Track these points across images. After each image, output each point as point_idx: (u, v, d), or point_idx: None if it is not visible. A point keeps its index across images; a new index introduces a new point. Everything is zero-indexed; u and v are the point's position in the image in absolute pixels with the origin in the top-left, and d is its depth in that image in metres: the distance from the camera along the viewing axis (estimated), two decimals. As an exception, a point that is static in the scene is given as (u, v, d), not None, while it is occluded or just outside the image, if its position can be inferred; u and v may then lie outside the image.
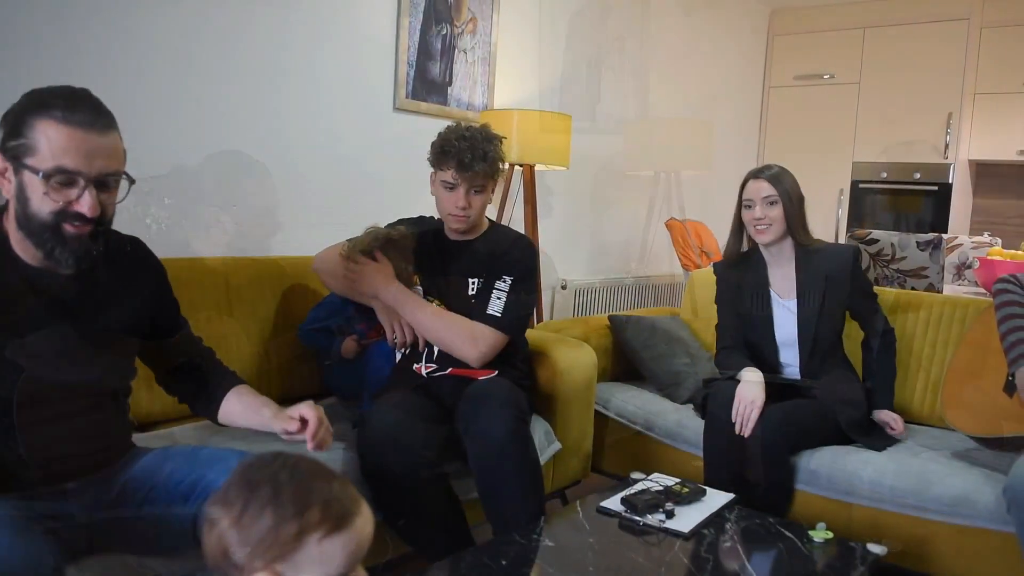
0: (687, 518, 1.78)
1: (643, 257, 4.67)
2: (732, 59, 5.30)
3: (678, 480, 1.97)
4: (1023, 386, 2.06)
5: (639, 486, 1.92)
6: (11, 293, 1.36)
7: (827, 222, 5.36)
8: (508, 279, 2.20)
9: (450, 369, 2.19)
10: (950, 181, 4.97)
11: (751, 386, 2.25)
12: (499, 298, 2.18)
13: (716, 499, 1.91)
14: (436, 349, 2.22)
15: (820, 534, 1.75)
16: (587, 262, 4.29)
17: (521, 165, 3.37)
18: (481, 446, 1.92)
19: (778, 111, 5.65)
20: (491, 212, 3.42)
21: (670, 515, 1.78)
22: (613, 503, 1.84)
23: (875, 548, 1.72)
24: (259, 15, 2.61)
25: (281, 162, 2.73)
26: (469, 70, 3.37)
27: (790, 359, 2.44)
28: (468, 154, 2.14)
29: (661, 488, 1.91)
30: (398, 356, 2.29)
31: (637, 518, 1.78)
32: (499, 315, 2.16)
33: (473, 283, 2.24)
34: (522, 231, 3.30)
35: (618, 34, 4.24)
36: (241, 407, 1.64)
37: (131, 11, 2.30)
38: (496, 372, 2.17)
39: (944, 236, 3.18)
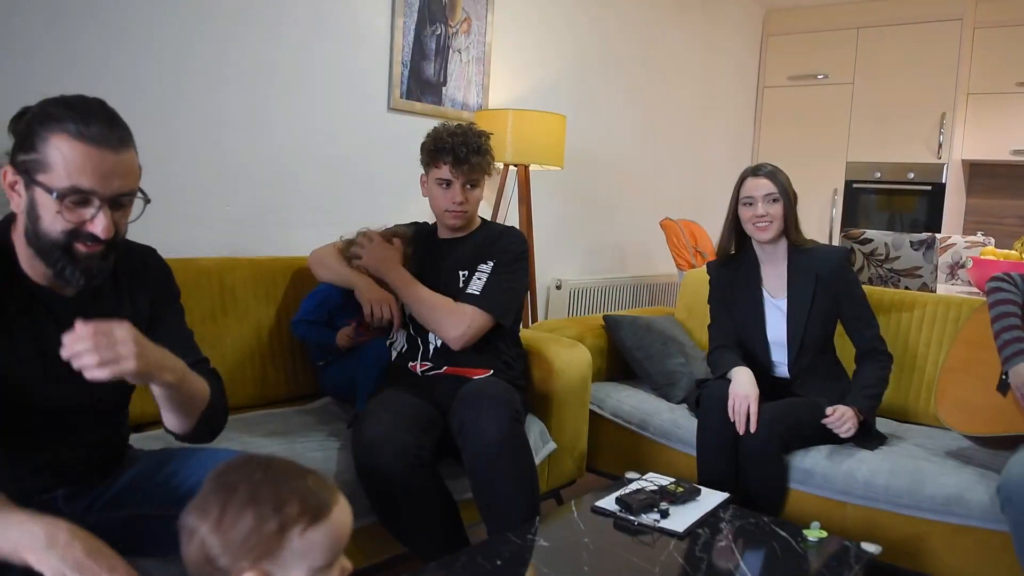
0: (682, 518, 1.79)
1: (638, 257, 4.67)
2: (727, 59, 5.31)
3: (673, 480, 1.98)
4: (1017, 384, 2.06)
5: (634, 486, 1.93)
6: (16, 312, 1.33)
7: (821, 222, 5.38)
8: (490, 263, 2.24)
9: (445, 368, 2.19)
10: (943, 181, 4.98)
11: (743, 383, 2.25)
12: (479, 279, 2.21)
13: (711, 498, 1.91)
14: (431, 348, 2.22)
15: (814, 533, 1.76)
16: (582, 262, 4.30)
17: (516, 165, 3.37)
18: (476, 446, 1.92)
19: (772, 111, 5.66)
20: (487, 212, 3.43)
21: (665, 515, 1.78)
22: (608, 503, 1.85)
23: (869, 547, 1.72)
24: (254, 15, 2.60)
25: (275, 162, 2.73)
26: (463, 70, 3.37)
27: (781, 358, 2.44)
28: (463, 148, 2.18)
29: (656, 488, 1.91)
30: (393, 355, 2.29)
31: (632, 518, 1.78)
32: (478, 294, 2.17)
33: (463, 275, 2.26)
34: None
35: (612, 34, 4.24)
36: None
37: (126, 12, 2.29)
38: (491, 372, 2.18)
39: (937, 236, 3.20)
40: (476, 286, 2.19)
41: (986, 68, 4.93)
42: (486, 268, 2.23)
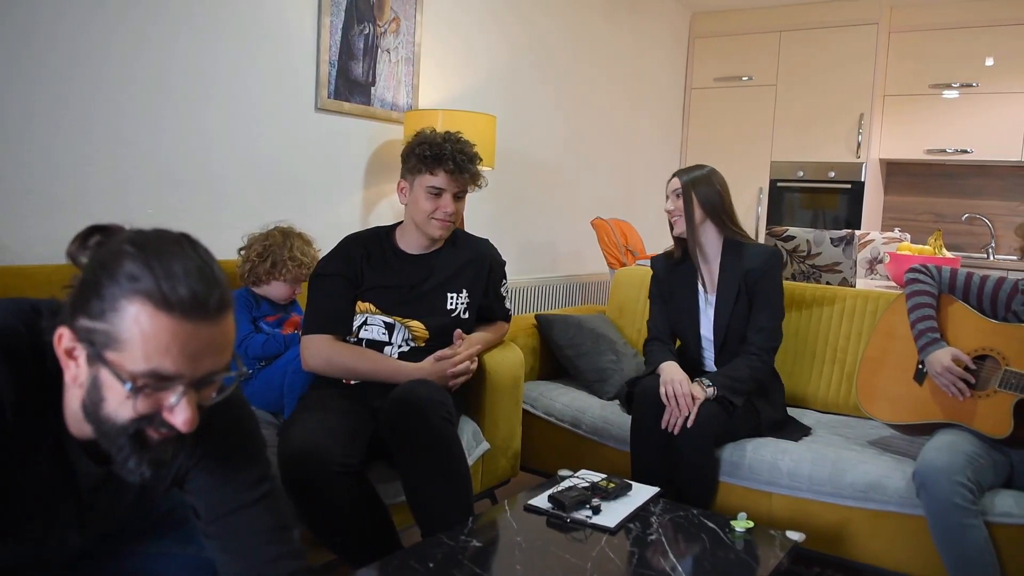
0: (613, 513, 1.81)
1: (570, 256, 4.71)
2: (655, 61, 5.40)
3: (604, 476, 2.00)
4: (933, 372, 2.15)
5: (566, 483, 1.94)
6: (53, 484, 1.08)
7: (747, 220, 5.50)
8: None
9: None
10: (862, 179, 5.16)
11: (672, 371, 2.29)
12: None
13: (642, 493, 1.94)
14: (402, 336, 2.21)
15: (741, 524, 1.80)
16: (514, 262, 4.30)
17: (446, 165, 3.34)
18: (407, 448, 1.90)
19: (699, 112, 5.77)
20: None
21: (596, 511, 1.80)
22: (541, 501, 1.85)
23: (793, 535, 1.77)
24: (177, 14, 2.53)
25: (200, 163, 2.66)
26: (393, 70, 3.34)
27: (710, 352, 2.49)
28: (461, 156, 2.11)
29: (588, 484, 1.93)
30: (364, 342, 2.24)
31: (564, 515, 1.79)
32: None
33: (452, 297, 2.24)
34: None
35: (542, 34, 4.27)
36: None
37: (42, 13, 2.20)
38: None
39: (857, 232, 3.30)
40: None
41: (901, 71, 5.14)
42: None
